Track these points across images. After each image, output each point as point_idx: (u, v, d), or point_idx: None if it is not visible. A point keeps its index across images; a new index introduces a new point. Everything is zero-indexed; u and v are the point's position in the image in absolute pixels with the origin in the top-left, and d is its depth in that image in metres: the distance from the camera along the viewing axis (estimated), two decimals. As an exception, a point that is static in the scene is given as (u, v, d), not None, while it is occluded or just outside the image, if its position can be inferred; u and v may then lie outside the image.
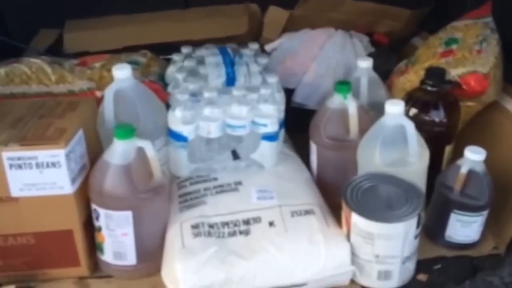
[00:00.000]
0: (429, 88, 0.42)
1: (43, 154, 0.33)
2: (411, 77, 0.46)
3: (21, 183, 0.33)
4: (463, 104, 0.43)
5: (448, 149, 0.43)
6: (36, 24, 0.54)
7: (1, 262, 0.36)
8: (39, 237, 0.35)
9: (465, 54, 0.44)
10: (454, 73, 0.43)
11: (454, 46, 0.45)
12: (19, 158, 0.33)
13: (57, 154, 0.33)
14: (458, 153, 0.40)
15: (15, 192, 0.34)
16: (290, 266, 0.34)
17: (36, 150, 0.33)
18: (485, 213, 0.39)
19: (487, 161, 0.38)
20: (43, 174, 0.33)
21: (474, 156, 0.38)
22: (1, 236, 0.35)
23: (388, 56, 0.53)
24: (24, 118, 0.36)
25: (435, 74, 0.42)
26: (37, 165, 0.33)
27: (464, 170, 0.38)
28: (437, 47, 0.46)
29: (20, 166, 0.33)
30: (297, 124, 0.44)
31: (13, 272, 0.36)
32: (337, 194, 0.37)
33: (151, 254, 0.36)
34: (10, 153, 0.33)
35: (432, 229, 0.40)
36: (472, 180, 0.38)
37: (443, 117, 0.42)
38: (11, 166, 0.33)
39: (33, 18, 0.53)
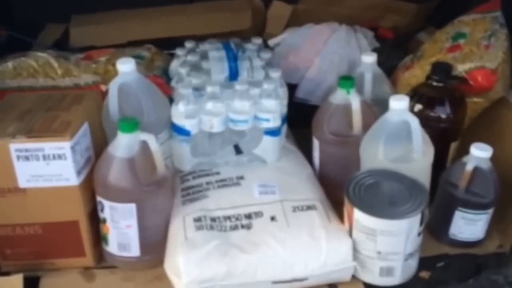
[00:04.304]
0: (435, 83, 0.42)
1: (50, 146, 0.33)
2: (416, 73, 0.45)
3: (28, 174, 0.34)
4: (470, 100, 0.43)
5: (453, 146, 0.42)
6: (42, 19, 0.55)
7: (9, 251, 0.37)
8: (46, 228, 0.36)
9: (472, 49, 0.43)
10: (461, 68, 0.42)
11: (461, 41, 0.44)
12: (26, 150, 0.33)
13: (63, 146, 0.33)
14: (463, 151, 0.39)
15: (22, 183, 0.34)
16: (291, 261, 0.34)
17: (43, 142, 0.33)
18: (490, 211, 0.38)
19: (493, 159, 0.37)
20: (50, 166, 0.34)
21: (480, 153, 0.37)
22: (9, 226, 0.36)
23: (393, 51, 0.52)
24: (31, 110, 0.36)
25: (441, 70, 0.42)
26: (44, 157, 0.34)
27: (469, 167, 0.37)
28: (444, 42, 0.45)
29: (27, 158, 0.33)
30: (300, 120, 0.44)
31: (20, 262, 0.37)
32: (340, 190, 0.36)
33: (154, 246, 0.37)
34: (18, 145, 0.33)
35: (436, 227, 0.40)
36: (477, 177, 0.37)
37: (448, 113, 0.41)
38: (18, 157, 0.33)
39: (39, 13, 0.54)
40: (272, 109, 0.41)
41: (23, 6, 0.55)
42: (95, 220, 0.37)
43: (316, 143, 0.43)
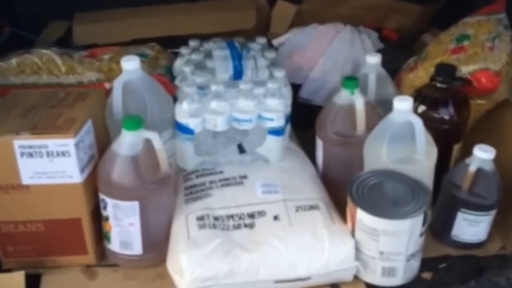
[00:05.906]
0: (438, 85, 0.42)
1: (53, 143, 0.33)
2: (420, 74, 0.46)
3: (31, 171, 0.34)
4: (473, 102, 0.43)
5: (456, 147, 0.42)
6: (46, 16, 0.55)
7: (11, 248, 0.37)
8: (48, 225, 0.36)
9: (476, 50, 0.43)
10: (465, 70, 0.42)
11: (465, 43, 0.44)
12: (30, 147, 0.33)
13: (67, 143, 0.33)
14: (466, 152, 0.39)
15: (25, 180, 0.34)
16: (294, 260, 0.34)
17: (47, 139, 0.33)
18: (493, 212, 0.38)
19: (496, 160, 0.37)
20: (53, 163, 0.34)
21: (483, 155, 0.37)
22: (12, 223, 0.36)
23: (397, 53, 0.52)
24: (35, 107, 0.36)
25: (445, 71, 0.42)
26: (47, 154, 0.34)
27: (472, 168, 0.37)
28: (448, 43, 0.45)
29: (31, 155, 0.33)
30: (304, 120, 0.44)
31: (22, 259, 0.37)
32: (343, 190, 0.36)
33: (157, 245, 0.37)
34: (21, 142, 0.33)
35: (438, 228, 0.40)
36: (480, 179, 0.37)
37: (452, 115, 0.41)
38: (22, 154, 0.33)
39: (43, 10, 0.54)
40: (276, 108, 0.41)
41: (26, 3, 0.55)
42: (98, 218, 0.37)
43: (319, 143, 0.43)
